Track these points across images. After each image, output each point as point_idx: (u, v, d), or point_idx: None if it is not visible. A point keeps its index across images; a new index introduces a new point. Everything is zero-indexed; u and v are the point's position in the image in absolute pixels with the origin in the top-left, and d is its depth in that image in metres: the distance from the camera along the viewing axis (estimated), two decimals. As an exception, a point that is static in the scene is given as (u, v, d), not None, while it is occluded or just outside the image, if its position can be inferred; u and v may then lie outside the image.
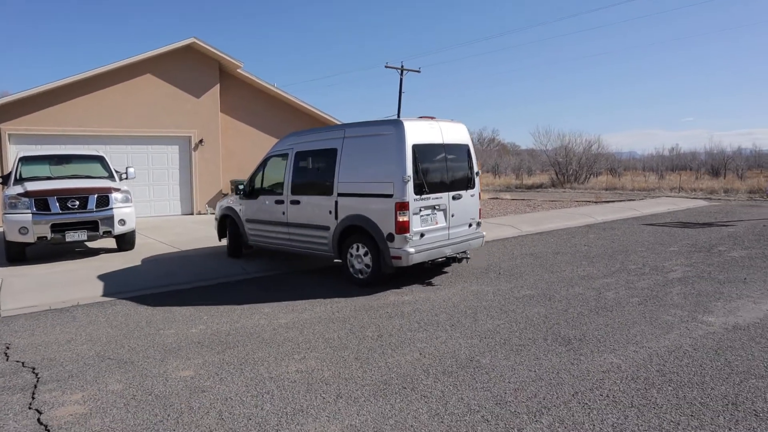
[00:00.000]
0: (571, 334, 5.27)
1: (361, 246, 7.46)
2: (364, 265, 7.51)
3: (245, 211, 9.30)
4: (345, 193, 7.60)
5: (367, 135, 7.57)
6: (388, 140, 7.21)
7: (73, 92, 15.98)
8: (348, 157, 7.66)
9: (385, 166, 7.20)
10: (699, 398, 3.85)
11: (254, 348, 5.12)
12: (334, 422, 3.59)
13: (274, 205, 8.67)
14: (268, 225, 8.81)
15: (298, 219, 8.27)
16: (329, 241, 7.81)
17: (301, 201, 8.24)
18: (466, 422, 3.55)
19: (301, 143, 8.49)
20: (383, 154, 7.25)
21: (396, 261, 7.07)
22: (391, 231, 7.05)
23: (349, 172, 7.62)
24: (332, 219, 7.73)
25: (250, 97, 19.47)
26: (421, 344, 5.08)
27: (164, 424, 3.64)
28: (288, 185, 8.46)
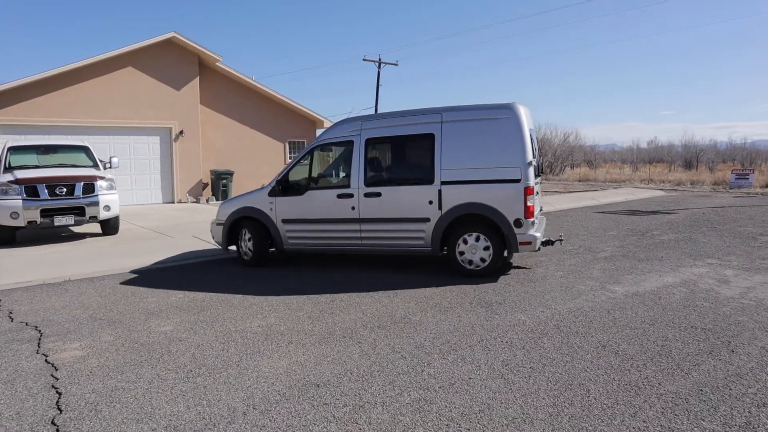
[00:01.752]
0: (494, 300, 6.26)
1: (481, 236, 7.24)
2: (481, 256, 7.29)
3: (281, 211, 8.17)
4: (451, 181, 7.26)
5: (476, 119, 7.30)
6: (507, 124, 7.12)
7: (57, 84, 16.65)
8: (452, 142, 7.31)
9: (505, 150, 7.08)
10: (578, 343, 4.85)
11: (225, 310, 6.05)
12: (284, 359, 4.54)
13: (337, 200, 7.79)
14: (325, 224, 7.90)
15: (377, 213, 7.60)
16: (428, 234, 7.40)
17: (383, 193, 7.57)
18: (388, 359, 4.51)
19: (374, 129, 7.80)
20: (501, 138, 7.12)
21: (525, 246, 7.09)
22: (519, 216, 7.00)
23: (454, 158, 7.27)
24: (434, 210, 7.33)
25: (229, 90, 20.23)
26: (365, 306, 6.05)
27: (149, 361, 4.57)
28: (359, 176, 7.68)
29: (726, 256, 8.60)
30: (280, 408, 3.69)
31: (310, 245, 8.14)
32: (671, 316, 5.56)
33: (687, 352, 4.61)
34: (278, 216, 8.18)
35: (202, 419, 3.56)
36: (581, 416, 3.52)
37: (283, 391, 3.96)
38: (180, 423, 3.52)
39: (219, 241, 8.80)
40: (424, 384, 4.02)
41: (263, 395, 3.89)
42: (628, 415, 3.53)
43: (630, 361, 4.42)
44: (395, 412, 3.60)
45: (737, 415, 3.53)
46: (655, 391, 3.87)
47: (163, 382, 4.16)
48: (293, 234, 8.14)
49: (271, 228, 8.23)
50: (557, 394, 3.84)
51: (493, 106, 7.34)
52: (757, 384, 3.97)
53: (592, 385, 3.98)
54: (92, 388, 4.08)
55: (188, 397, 3.89)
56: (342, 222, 7.78)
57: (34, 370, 4.46)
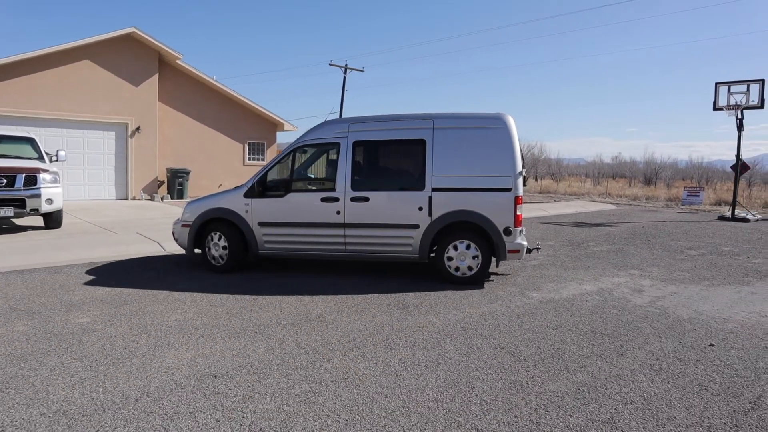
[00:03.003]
0: (411, 302, 6.51)
1: (471, 243, 7.32)
2: (469, 264, 7.37)
3: (258, 213, 7.80)
4: (442, 188, 7.31)
5: (469, 127, 7.39)
6: (499, 133, 7.27)
7: (8, 73, 16.41)
8: (443, 149, 7.35)
9: (497, 159, 7.22)
10: (478, 344, 5.11)
11: (147, 304, 6.17)
12: (190, 351, 4.70)
13: (320, 203, 7.57)
14: (307, 228, 7.65)
15: (364, 219, 7.46)
16: (416, 240, 7.38)
17: (371, 198, 7.45)
18: (291, 354, 4.71)
19: (362, 132, 7.65)
20: (493, 147, 7.25)
21: (513, 255, 7.26)
22: (509, 225, 7.14)
23: (446, 165, 7.32)
24: (423, 216, 7.32)
25: (189, 88, 20.20)
26: (285, 306, 6.23)
27: (56, 351, 4.67)
28: (346, 180, 7.52)
29: (649, 267, 9.03)
30: (172, 396, 3.85)
31: (289, 250, 7.83)
32: (576, 322, 5.88)
33: (579, 354, 4.91)
34: (255, 218, 7.81)
35: (94, 404, 3.70)
36: (458, 411, 3.77)
37: (180, 380, 4.11)
38: (71, 408, 3.65)
39: (183, 244, 8.24)
40: (318, 378, 4.23)
41: (160, 384, 4.04)
42: (502, 411, 3.79)
43: (522, 362, 4.70)
44: (281, 403, 3.79)
45: (603, 411, 3.82)
46: (535, 389, 4.15)
47: (65, 370, 4.27)
48: (271, 238, 7.80)
49: (245, 231, 7.83)
50: (442, 390, 4.08)
51: (485, 115, 7.48)
52: (632, 384, 4.29)
53: (478, 383, 4.23)
54: (-8, 374, 4.17)
55: (86, 384, 4.02)
56: (326, 226, 7.58)
57: (-62, 357, 4.52)
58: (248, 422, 3.52)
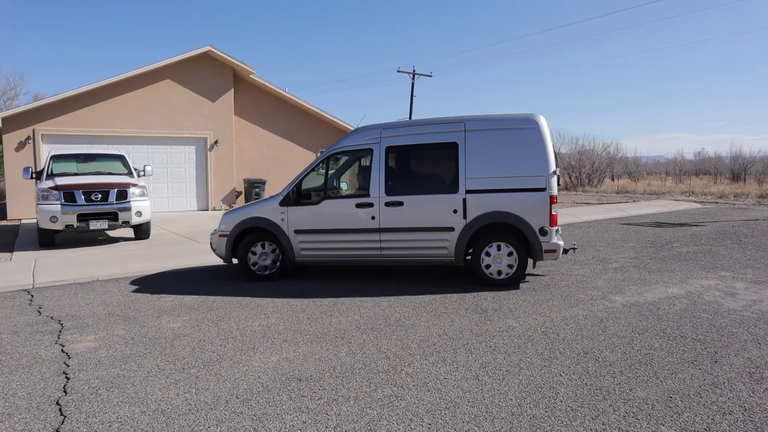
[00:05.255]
0: (490, 306, 6.44)
1: (504, 245, 7.33)
2: (506, 265, 7.36)
3: (294, 221, 7.84)
4: (476, 190, 7.32)
5: (501, 128, 7.42)
6: (531, 133, 7.28)
7: (98, 96, 17.59)
8: (476, 151, 7.38)
9: (530, 159, 7.23)
10: (560, 349, 4.99)
11: (231, 310, 6.42)
12: (275, 356, 4.85)
13: (355, 209, 7.64)
14: (342, 234, 7.69)
15: (399, 223, 7.50)
16: (452, 243, 7.41)
17: (405, 202, 7.48)
18: (372, 359, 4.76)
19: (394, 137, 7.70)
20: (526, 147, 7.27)
21: (549, 255, 7.24)
22: (544, 225, 7.16)
23: (479, 167, 7.34)
24: (458, 219, 7.35)
25: (262, 101, 20.88)
26: (364, 311, 6.31)
27: (151, 354, 4.95)
28: (380, 185, 7.57)
29: (742, 269, 8.52)
30: (260, 398, 3.99)
31: (326, 257, 7.87)
32: (663, 326, 5.63)
33: (668, 360, 4.70)
34: (291, 226, 7.86)
35: (188, 405, 3.89)
36: (542, 417, 3.70)
37: (266, 383, 4.26)
38: (168, 407, 3.86)
39: (221, 253, 8.26)
40: (400, 382, 4.26)
41: (248, 386, 4.20)
42: (589, 417, 3.69)
43: (608, 367, 4.55)
44: (365, 406, 3.85)
45: (699, 421, 3.64)
46: (623, 396, 4.00)
47: (160, 371, 4.53)
48: (307, 245, 7.85)
49: (282, 239, 7.90)
50: (525, 395, 4.02)
51: (517, 116, 7.48)
52: (730, 393, 4.06)
53: (562, 388, 4.13)
54: (97, 375, 4.48)
55: (180, 385, 4.23)
56: (361, 232, 7.62)
57: (50, 358, 4.92)
58: (333, 425, 3.60)
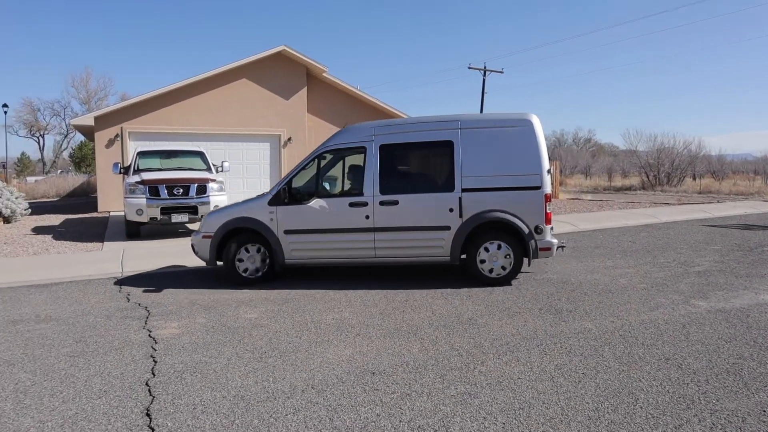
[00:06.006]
0: (564, 307, 6.29)
1: (500, 243, 7.36)
2: (502, 264, 7.39)
3: (284, 221, 7.57)
4: (471, 188, 7.31)
5: (495, 127, 7.42)
6: (525, 132, 7.34)
7: (179, 96, 18.46)
8: (471, 149, 7.37)
9: (524, 158, 7.28)
10: (640, 354, 4.81)
11: (306, 303, 6.60)
12: (348, 349, 4.95)
13: (348, 208, 7.48)
14: (335, 234, 7.53)
15: (394, 222, 7.40)
16: (447, 242, 7.37)
17: (400, 201, 7.39)
18: (445, 355, 4.76)
19: (388, 135, 7.60)
20: (521, 146, 7.32)
21: (544, 253, 7.32)
22: (539, 223, 7.22)
23: (474, 165, 7.34)
24: (454, 217, 7.31)
25: (334, 99, 21.24)
26: (436, 308, 6.32)
27: (230, 342, 5.17)
28: (374, 183, 7.45)
29: (842, 277, 7.91)
30: (335, 389, 4.08)
31: (317, 258, 7.67)
32: (754, 335, 5.32)
33: (760, 371, 4.44)
34: (280, 226, 7.57)
35: (266, 392, 4.04)
36: (621, 422, 3.58)
37: (341, 375, 4.35)
38: (247, 394, 4.02)
39: (204, 256, 7.84)
40: (473, 380, 4.24)
41: (323, 377, 4.30)
42: (671, 426, 3.54)
43: (692, 375, 4.35)
44: (438, 402, 3.86)
45: (795, 436, 3.42)
46: (709, 407, 3.82)
47: (239, 359, 4.71)
48: (298, 246, 7.58)
49: (271, 240, 7.58)
50: (603, 399, 3.90)
51: (511, 115, 7.54)
52: (831, 408, 3.79)
53: (642, 394, 3.99)
54: (181, 360, 4.73)
55: (258, 374, 4.39)
56: (355, 232, 7.47)
57: (139, 342, 5.24)
58: (407, 419, 3.63)
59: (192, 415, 3.71)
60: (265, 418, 3.65)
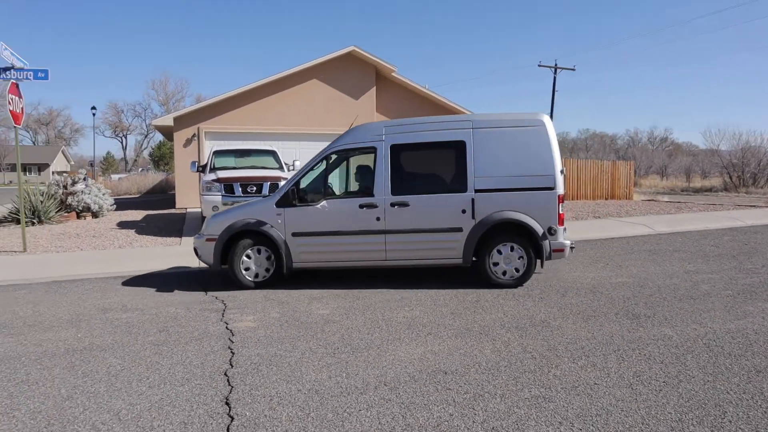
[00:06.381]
0: (642, 312, 6.05)
1: (514, 245, 7.23)
2: (515, 266, 7.27)
3: (292, 223, 7.37)
4: (484, 189, 7.20)
5: (508, 127, 7.34)
6: (538, 132, 7.26)
7: (252, 96, 19.08)
8: (483, 149, 7.26)
9: (538, 158, 7.20)
10: (727, 364, 4.56)
11: (377, 301, 6.66)
12: (420, 347, 4.96)
13: (358, 210, 7.31)
14: (345, 236, 7.34)
15: (405, 224, 7.27)
16: (460, 244, 7.24)
17: (411, 203, 7.26)
18: (518, 357, 4.69)
19: (398, 135, 7.45)
20: (534, 146, 7.23)
21: (558, 254, 7.22)
22: (552, 224, 7.14)
23: (487, 166, 7.23)
24: (466, 219, 7.20)
25: (403, 98, 21.31)
26: (508, 309, 6.23)
27: (304, 337, 5.29)
28: (385, 184, 7.30)
29: None
30: (407, 387, 4.10)
31: (326, 261, 7.49)
32: None
33: None
34: (288, 229, 7.36)
35: (339, 387, 4.11)
36: (708, 434, 3.42)
37: (413, 373, 4.36)
38: (321, 388, 4.10)
39: (208, 260, 7.59)
40: (547, 383, 4.15)
41: (395, 375, 4.33)
42: (765, 440, 3.35)
43: (786, 389, 4.09)
44: (512, 405, 3.80)
45: None
46: (807, 422, 3.58)
47: (313, 354, 4.82)
48: (307, 249, 7.39)
49: (279, 243, 7.34)
50: (686, 410, 3.73)
51: (523, 115, 7.48)
52: None
53: (731, 407, 3.79)
54: (257, 352, 4.88)
55: (331, 369, 4.48)
56: (365, 234, 7.30)
57: (217, 333, 5.46)
58: (480, 420, 3.60)
59: (269, 406, 3.83)
60: (339, 413, 3.71)
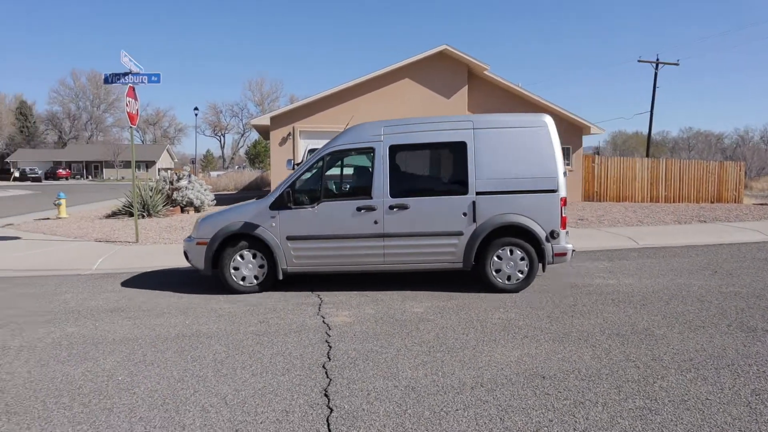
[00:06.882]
0: (759, 326, 5.61)
1: (516, 249, 7.05)
2: (518, 270, 7.08)
3: (286, 226, 7.14)
4: (486, 191, 7.00)
5: (510, 128, 7.17)
6: (541, 133, 7.09)
7: (345, 96, 19.54)
8: (485, 150, 7.05)
9: (540, 160, 7.03)
10: None
11: (471, 301, 6.64)
12: (516, 350, 4.88)
13: (356, 213, 7.08)
14: (342, 240, 7.13)
15: (404, 228, 7.05)
16: (460, 248, 7.05)
17: (411, 205, 7.04)
18: (620, 366, 4.50)
19: (397, 135, 7.21)
20: (536, 148, 7.06)
21: (559, 258, 7.06)
22: (555, 228, 6.98)
23: (488, 167, 7.02)
24: (467, 222, 7.01)
25: (495, 97, 21.01)
26: (607, 315, 5.99)
27: (399, 334, 5.36)
28: (383, 187, 7.08)
29: None
30: (504, 390, 4.05)
31: (322, 265, 7.25)
32: None
33: None
34: (282, 232, 7.13)
35: (435, 386, 4.12)
36: (841, 461, 3.13)
37: (510, 376, 4.30)
38: (417, 386, 4.13)
39: (198, 264, 7.37)
40: (652, 395, 3.96)
41: (491, 376, 4.29)
42: None
43: None
44: (615, 415, 3.66)
45: None
46: None
47: (408, 351, 4.87)
48: (302, 253, 7.16)
49: (273, 246, 7.12)
50: (815, 433, 3.44)
51: (525, 116, 7.43)
52: None
53: None
54: (354, 347, 5.00)
55: (427, 367, 4.50)
56: (362, 238, 7.09)
57: (314, 326, 5.66)
58: (581, 428, 3.49)
59: (366, 401, 3.91)
60: (436, 411, 3.73)
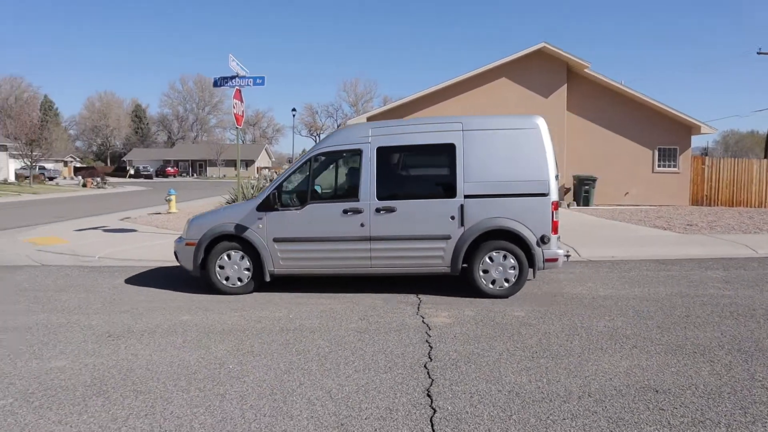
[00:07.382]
0: None
1: (505, 254, 6.84)
2: (504, 278, 6.86)
3: (273, 228, 7.15)
4: (474, 195, 6.83)
5: (501, 129, 6.98)
6: (533, 135, 6.87)
7: (439, 97, 19.67)
8: (474, 153, 6.88)
9: (532, 163, 6.82)
10: None
11: (573, 307, 6.42)
12: (625, 360, 4.65)
13: (342, 215, 7.02)
14: (328, 243, 7.08)
15: (391, 231, 6.95)
16: (448, 252, 6.90)
17: (398, 208, 6.94)
18: (744, 385, 4.16)
19: (386, 137, 7.14)
20: (527, 150, 6.85)
21: (550, 263, 6.84)
22: (546, 232, 6.76)
23: (477, 170, 6.85)
24: (454, 226, 6.85)
25: (596, 96, 20.21)
26: (725, 328, 5.57)
27: (500, 337, 5.27)
28: (370, 189, 6.98)
29: None
30: (614, 401, 3.87)
31: (309, 267, 7.25)
32: None
33: None
34: (269, 234, 7.13)
35: (540, 393, 4.01)
36: None
37: (619, 387, 4.10)
38: (522, 391, 4.04)
39: (187, 265, 7.47)
40: (785, 418, 3.63)
41: (599, 386, 4.11)
42: None
43: None
44: (742, 436, 3.39)
45: None
46: None
47: (510, 356, 4.77)
48: (288, 255, 7.15)
49: (260, 248, 7.12)
50: None
51: (517, 117, 7.24)
52: None
53: None
54: (455, 348, 4.97)
55: (531, 373, 4.39)
56: (349, 241, 7.01)
57: (414, 326, 5.69)
58: (702, 448, 3.27)
59: (470, 403, 3.87)
60: (542, 419, 3.63)
